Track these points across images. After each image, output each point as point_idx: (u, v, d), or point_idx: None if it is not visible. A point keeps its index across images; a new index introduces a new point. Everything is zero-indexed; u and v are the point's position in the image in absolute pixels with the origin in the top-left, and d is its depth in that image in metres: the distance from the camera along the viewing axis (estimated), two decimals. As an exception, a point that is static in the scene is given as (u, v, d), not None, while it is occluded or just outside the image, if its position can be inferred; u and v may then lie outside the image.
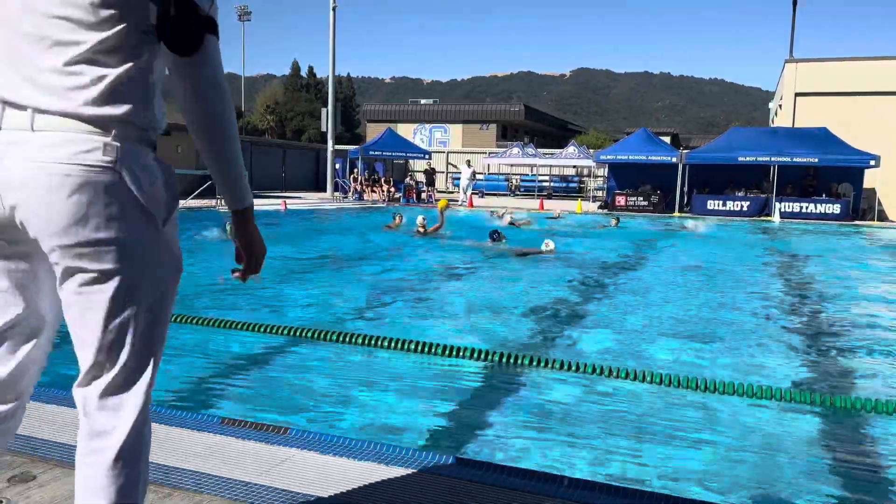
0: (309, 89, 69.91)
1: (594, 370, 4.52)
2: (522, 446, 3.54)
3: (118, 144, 1.42)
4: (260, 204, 20.27)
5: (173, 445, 2.80)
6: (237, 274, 1.71)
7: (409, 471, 2.64)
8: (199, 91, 1.49)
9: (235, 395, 4.24)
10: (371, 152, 29.33)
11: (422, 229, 13.72)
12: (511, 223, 16.88)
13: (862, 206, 23.71)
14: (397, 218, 15.76)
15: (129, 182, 1.43)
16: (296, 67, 71.53)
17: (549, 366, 4.65)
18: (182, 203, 20.82)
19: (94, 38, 1.38)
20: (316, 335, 5.24)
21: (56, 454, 2.65)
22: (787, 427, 3.95)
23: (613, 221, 19.17)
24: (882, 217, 23.75)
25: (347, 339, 5.13)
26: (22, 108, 1.40)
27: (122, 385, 1.54)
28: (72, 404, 3.23)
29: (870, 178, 23.49)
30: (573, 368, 4.59)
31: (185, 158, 28.09)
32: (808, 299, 8.38)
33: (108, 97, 1.41)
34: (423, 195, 28.38)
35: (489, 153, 36.16)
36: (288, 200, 23.58)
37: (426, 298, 7.75)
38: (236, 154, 1.58)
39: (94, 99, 1.40)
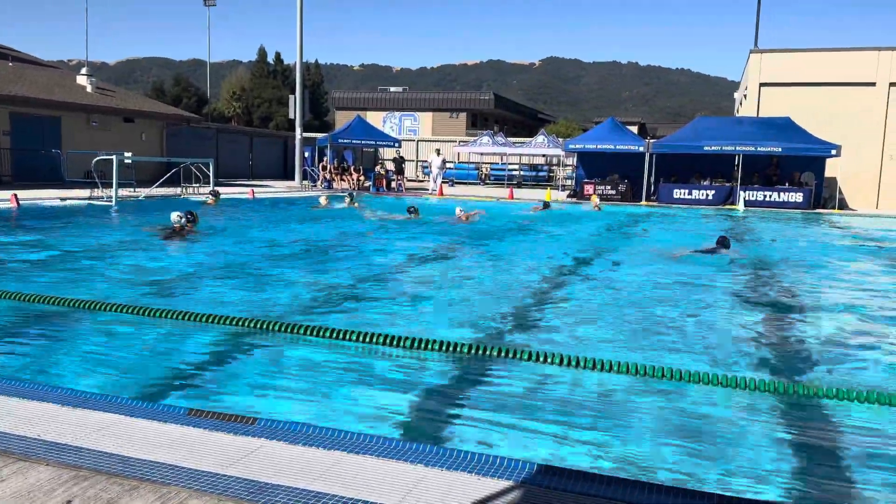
0: (276, 76, 68.94)
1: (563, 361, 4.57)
2: (486, 435, 3.57)
3: None
4: (227, 192, 20.01)
5: (139, 437, 2.77)
6: None
7: (377, 459, 2.65)
8: None
9: (202, 386, 4.20)
10: (340, 140, 29.06)
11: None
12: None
13: (824, 195, 24.23)
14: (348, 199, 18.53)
15: None
16: (262, 53, 70.47)
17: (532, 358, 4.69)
18: (146, 191, 20.14)
19: None
20: (283, 328, 5.21)
21: (17, 448, 2.61)
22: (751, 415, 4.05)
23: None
24: (843, 205, 24.31)
25: (316, 332, 5.11)
26: None
27: None
28: (36, 397, 3.18)
29: (831, 168, 24.03)
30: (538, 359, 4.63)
31: (149, 145, 27.65)
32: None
33: None
34: (393, 184, 28.28)
35: (459, 142, 36.14)
36: (256, 189, 23.31)
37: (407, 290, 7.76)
38: None
39: None
